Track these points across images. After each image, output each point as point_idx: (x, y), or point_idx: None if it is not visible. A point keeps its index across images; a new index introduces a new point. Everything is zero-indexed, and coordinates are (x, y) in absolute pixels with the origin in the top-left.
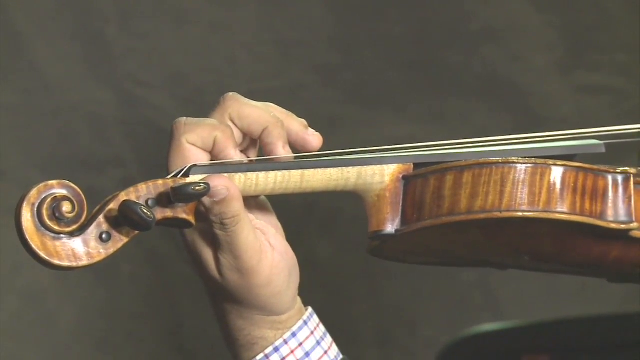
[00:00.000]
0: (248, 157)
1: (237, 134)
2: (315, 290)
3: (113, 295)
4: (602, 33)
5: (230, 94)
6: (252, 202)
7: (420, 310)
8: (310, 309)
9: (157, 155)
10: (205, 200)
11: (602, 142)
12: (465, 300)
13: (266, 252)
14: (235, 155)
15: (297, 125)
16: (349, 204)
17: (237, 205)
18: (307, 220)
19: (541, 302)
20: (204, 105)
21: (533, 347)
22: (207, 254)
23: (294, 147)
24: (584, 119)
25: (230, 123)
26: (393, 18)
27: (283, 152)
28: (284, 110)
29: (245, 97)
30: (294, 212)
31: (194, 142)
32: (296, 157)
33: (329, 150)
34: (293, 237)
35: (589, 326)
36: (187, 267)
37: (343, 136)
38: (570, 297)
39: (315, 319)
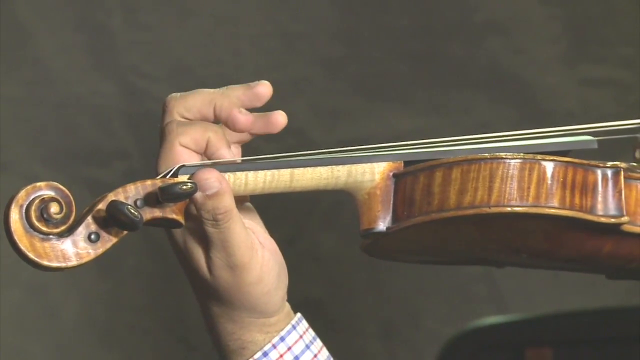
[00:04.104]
0: (239, 158)
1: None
2: (318, 284)
3: (116, 288)
4: (606, 26)
5: (170, 95)
6: (237, 206)
7: (424, 303)
8: (299, 314)
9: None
10: (198, 196)
11: (594, 138)
12: (469, 293)
13: (257, 249)
14: (228, 155)
15: (238, 88)
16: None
17: (229, 200)
18: (310, 213)
19: (545, 295)
20: None
21: (536, 340)
22: (198, 254)
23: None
24: (587, 112)
25: (180, 119)
26: (397, 10)
27: (242, 117)
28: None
29: None
30: (297, 206)
31: (187, 144)
32: (285, 156)
33: (331, 143)
34: (296, 230)
35: (592, 319)
36: None
37: (347, 129)
38: (573, 290)
39: (304, 323)
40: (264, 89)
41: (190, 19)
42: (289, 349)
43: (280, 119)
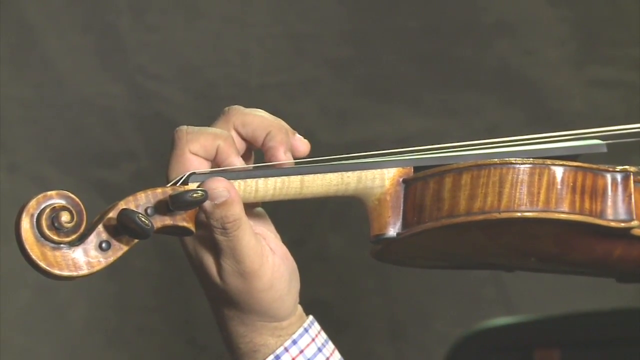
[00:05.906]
0: (249, 165)
1: (239, 145)
2: (327, 285)
3: (124, 289)
4: (614, 27)
5: (234, 106)
6: (249, 212)
7: (432, 305)
8: (311, 317)
9: (169, 148)
10: (207, 205)
11: (604, 142)
12: (478, 295)
13: (267, 256)
14: (237, 162)
15: (285, 128)
16: None
17: (238, 209)
18: (319, 214)
19: (553, 296)
20: (216, 99)
21: (545, 341)
22: (208, 260)
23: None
24: (596, 113)
25: (233, 132)
26: (406, 12)
27: (284, 157)
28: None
29: (257, 91)
30: (306, 207)
31: (197, 151)
32: (296, 163)
33: (340, 144)
34: (305, 231)
35: (600, 321)
36: None
37: (355, 130)
38: (582, 292)
39: (317, 326)
40: (303, 148)
41: (198, 20)
42: (301, 352)
43: (302, 147)
